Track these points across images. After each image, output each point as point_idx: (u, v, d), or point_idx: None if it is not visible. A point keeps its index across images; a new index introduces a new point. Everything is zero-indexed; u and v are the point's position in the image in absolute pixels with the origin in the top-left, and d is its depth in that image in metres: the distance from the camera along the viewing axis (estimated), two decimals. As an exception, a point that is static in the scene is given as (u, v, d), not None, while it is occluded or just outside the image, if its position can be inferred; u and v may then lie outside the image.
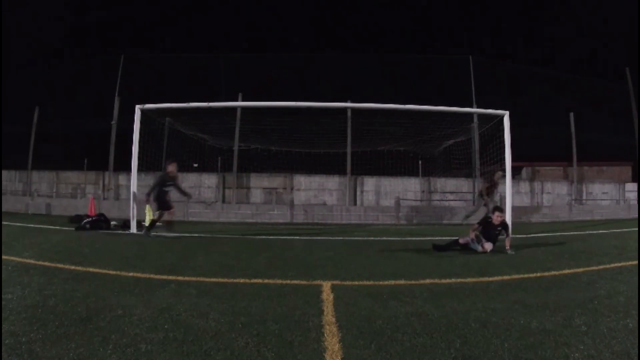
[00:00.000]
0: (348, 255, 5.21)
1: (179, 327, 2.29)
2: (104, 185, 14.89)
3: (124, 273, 3.79)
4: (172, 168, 7.51)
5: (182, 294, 3.03)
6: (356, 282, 3.53)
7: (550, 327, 2.32)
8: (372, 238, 7.56)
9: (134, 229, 7.88)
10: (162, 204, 7.23)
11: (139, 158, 8.38)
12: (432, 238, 7.70)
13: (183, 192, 7.72)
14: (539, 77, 17.65)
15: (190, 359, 1.87)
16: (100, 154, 14.86)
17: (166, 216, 7.27)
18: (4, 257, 4.34)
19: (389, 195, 14.44)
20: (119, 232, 7.97)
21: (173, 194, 7.56)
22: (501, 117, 8.52)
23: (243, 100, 13.18)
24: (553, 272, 4.01)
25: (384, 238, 7.62)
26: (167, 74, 16.38)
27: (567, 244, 6.55)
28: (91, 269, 3.94)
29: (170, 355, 1.89)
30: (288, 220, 12.48)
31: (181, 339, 2.10)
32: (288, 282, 3.54)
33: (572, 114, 15.29)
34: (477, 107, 13.26)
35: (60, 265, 4.08)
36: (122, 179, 14.63)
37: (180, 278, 3.62)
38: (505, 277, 3.78)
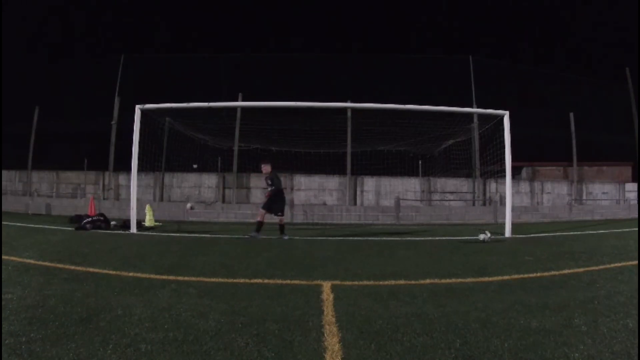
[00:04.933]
0: (348, 255, 5.21)
1: (179, 327, 2.29)
2: (104, 185, 14.90)
3: (124, 273, 3.79)
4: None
5: (182, 294, 3.03)
6: (356, 282, 3.53)
7: (550, 327, 2.32)
8: (372, 238, 7.56)
9: (134, 229, 7.89)
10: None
11: (139, 158, 8.38)
12: (432, 238, 7.71)
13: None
14: (538, 77, 17.66)
15: (190, 359, 1.87)
16: (100, 154, 14.88)
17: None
18: (4, 257, 4.33)
19: (389, 195, 14.44)
20: (119, 232, 7.97)
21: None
22: (501, 117, 8.52)
23: (243, 100, 13.18)
24: (553, 272, 4.01)
25: (384, 238, 7.62)
26: (167, 74, 16.39)
27: (567, 244, 6.55)
28: (91, 269, 3.93)
29: (170, 355, 1.89)
30: (288, 220, 12.47)
31: (181, 339, 2.10)
32: (288, 282, 3.54)
33: (572, 114, 15.30)
34: (477, 107, 13.27)
35: (60, 265, 4.08)
36: (122, 179, 14.64)
37: (180, 278, 3.61)
38: (505, 277, 3.78)
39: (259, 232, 7.00)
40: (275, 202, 7.09)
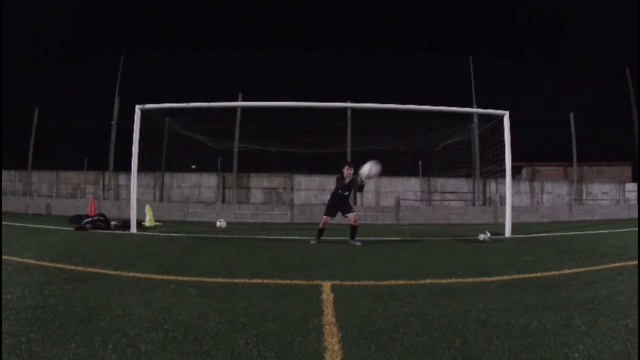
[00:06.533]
0: (348, 255, 5.21)
1: (179, 327, 2.29)
2: (104, 185, 14.90)
3: (124, 273, 3.78)
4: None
5: (182, 294, 3.03)
6: (356, 282, 3.53)
7: (550, 327, 2.31)
8: (372, 238, 7.56)
9: (134, 229, 7.89)
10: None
11: (139, 158, 8.38)
12: (432, 238, 7.71)
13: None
14: (538, 77, 17.66)
15: (190, 359, 1.87)
16: (100, 154, 14.89)
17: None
18: (4, 257, 4.33)
19: (389, 195, 14.45)
20: (119, 232, 7.97)
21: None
22: (501, 117, 8.52)
23: (243, 100, 13.18)
24: (553, 272, 4.01)
25: (384, 238, 7.61)
26: (167, 74, 16.40)
27: (567, 244, 6.55)
28: (91, 269, 3.93)
29: (170, 355, 1.89)
30: (288, 220, 12.48)
31: (181, 339, 2.10)
32: (288, 282, 3.54)
33: (572, 114, 15.30)
34: (477, 107, 13.26)
35: (60, 265, 4.08)
36: (122, 179, 14.65)
37: (180, 278, 3.61)
38: (505, 277, 3.77)
39: (319, 237, 6.62)
40: (338, 204, 6.67)
